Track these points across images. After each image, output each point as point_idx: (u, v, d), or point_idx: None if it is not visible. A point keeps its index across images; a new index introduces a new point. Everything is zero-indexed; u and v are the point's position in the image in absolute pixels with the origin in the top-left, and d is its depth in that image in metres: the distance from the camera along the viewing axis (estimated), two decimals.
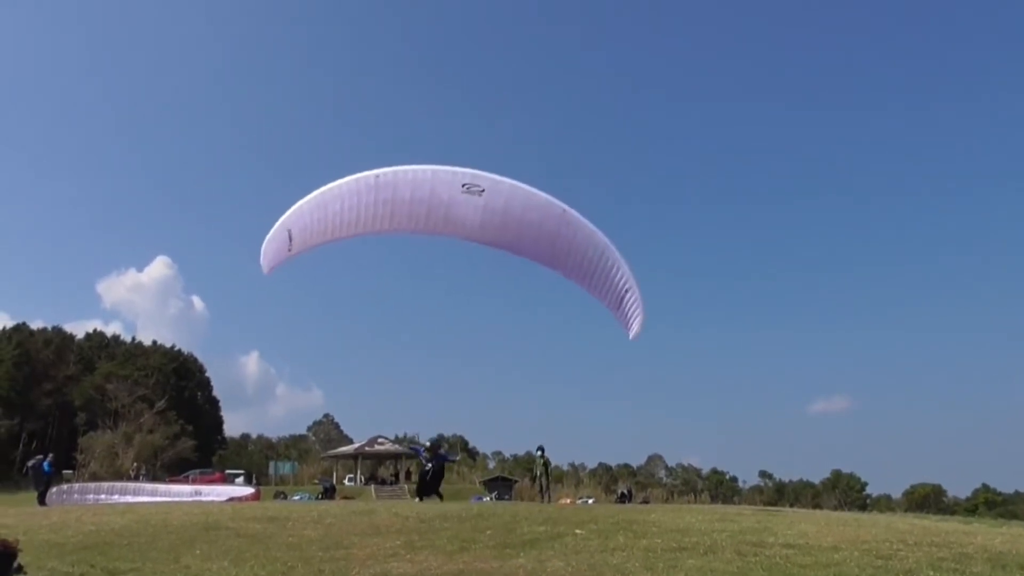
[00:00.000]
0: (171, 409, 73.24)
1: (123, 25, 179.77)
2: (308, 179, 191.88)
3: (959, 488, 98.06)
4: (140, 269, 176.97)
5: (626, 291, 16.29)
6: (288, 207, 16.08)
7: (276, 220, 16.12)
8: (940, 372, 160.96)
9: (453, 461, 24.58)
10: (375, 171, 15.73)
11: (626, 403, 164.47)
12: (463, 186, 15.47)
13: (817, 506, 71.28)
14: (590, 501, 47.32)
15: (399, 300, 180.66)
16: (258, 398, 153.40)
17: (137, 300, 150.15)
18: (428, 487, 23.34)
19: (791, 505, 69.85)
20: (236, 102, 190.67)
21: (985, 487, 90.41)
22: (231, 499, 35.64)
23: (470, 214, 15.72)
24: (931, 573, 7.64)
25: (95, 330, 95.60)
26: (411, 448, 23.93)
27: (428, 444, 23.52)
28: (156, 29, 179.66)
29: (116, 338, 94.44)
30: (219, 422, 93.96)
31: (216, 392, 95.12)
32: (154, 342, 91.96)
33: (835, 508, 66.56)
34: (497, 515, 14.13)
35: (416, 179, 15.64)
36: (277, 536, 11.60)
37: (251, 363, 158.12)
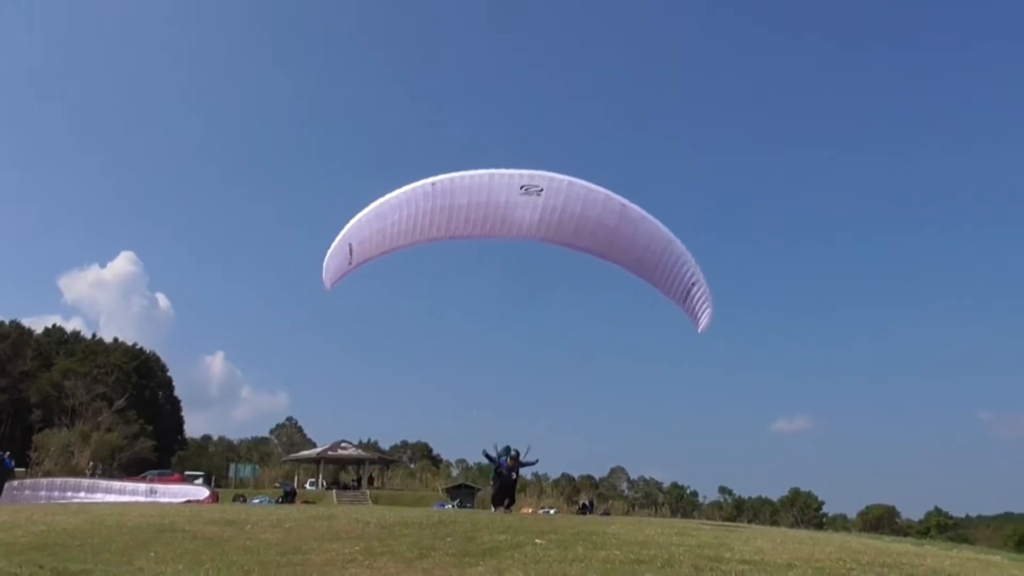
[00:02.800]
0: (130, 408, 71.86)
1: (85, 18, 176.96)
2: (279, 176, 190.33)
3: (912, 510, 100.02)
4: (103, 265, 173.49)
5: (692, 284, 16.11)
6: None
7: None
8: (898, 397, 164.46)
9: (534, 463, 23.03)
10: (431, 179, 15.65)
11: (591, 416, 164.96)
12: (521, 188, 15.35)
13: (775, 523, 72.01)
14: (552, 511, 47.33)
15: (368, 307, 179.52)
16: (222, 399, 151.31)
17: (99, 296, 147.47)
18: (507, 496, 22.71)
19: (749, 521, 70.58)
20: (203, 95, 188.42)
21: (937, 510, 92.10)
22: (188, 501, 35.10)
23: (528, 215, 15.58)
24: None
25: (54, 325, 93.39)
26: (487, 457, 22.62)
27: (514, 452, 22.20)
28: (119, 20, 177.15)
29: (76, 334, 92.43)
30: (180, 423, 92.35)
31: (178, 392, 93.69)
32: (115, 339, 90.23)
33: (792, 525, 67.47)
34: (458, 523, 14.11)
35: (473, 184, 15.55)
36: (234, 539, 11.46)
37: (216, 364, 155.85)
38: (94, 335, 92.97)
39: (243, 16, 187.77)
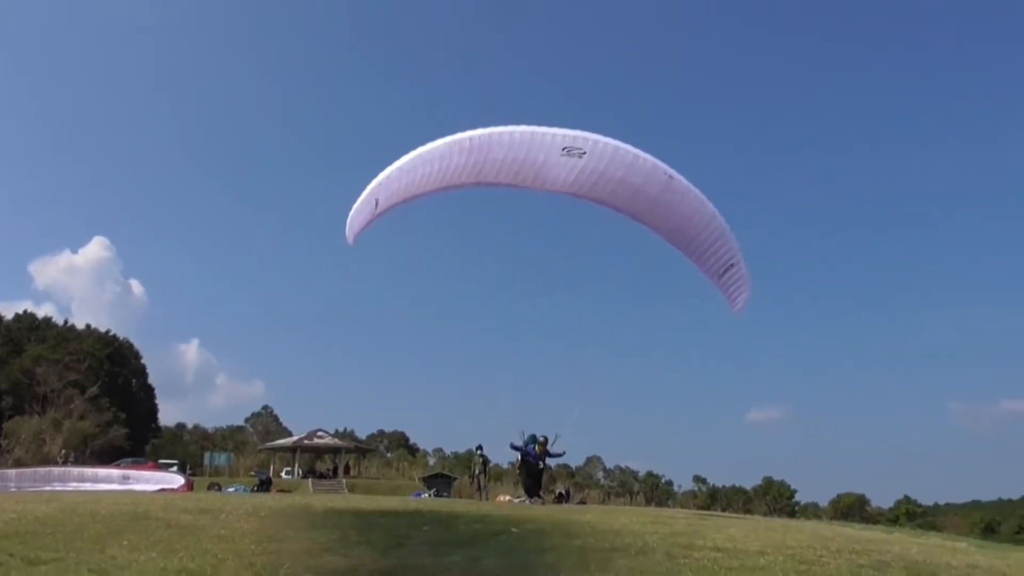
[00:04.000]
0: (103, 396, 70.99)
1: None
2: (256, 162, 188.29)
3: (882, 499, 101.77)
4: (75, 250, 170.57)
5: (731, 264, 15.82)
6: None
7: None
8: (869, 388, 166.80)
9: (561, 455, 22.36)
10: (468, 133, 14.89)
11: (567, 405, 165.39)
12: (563, 149, 14.73)
13: (748, 511, 72.89)
14: (528, 501, 47.52)
15: (344, 296, 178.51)
16: (197, 387, 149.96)
17: (71, 282, 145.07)
18: (540, 485, 21.87)
19: (723, 509, 71.39)
20: (178, 80, 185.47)
21: (907, 498, 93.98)
22: (162, 489, 34.81)
23: (563, 174, 14.99)
24: None
25: (25, 311, 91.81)
26: (513, 448, 21.35)
27: (541, 439, 21.17)
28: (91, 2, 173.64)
29: (48, 320, 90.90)
30: (154, 410, 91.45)
31: (152, 380, 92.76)
32: (88, 326, 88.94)
33: (765, 514, 68.31)
34: (434, 512, 14.16)
35: (512, 141, 14.81)
36: (209, 528, 11.39)
37: (191, 351, 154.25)
38: (66, 321, 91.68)
39: (220, 3, 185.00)
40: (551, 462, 21.77)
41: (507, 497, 48.07)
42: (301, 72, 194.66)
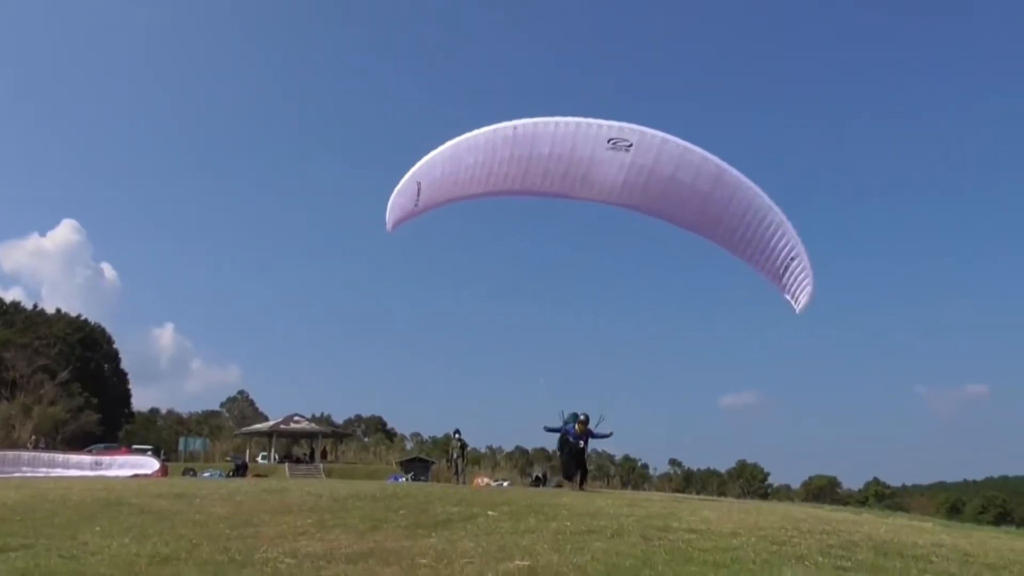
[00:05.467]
0: (75, 381, 70.06)
1: None
2: (231, 143, 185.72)
3: (853, 481, 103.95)
4: (43, 233, 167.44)
5: (791, 259, 14.80)
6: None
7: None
8: (840, 373, 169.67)
9: (607, 436, 20.24)
10: (514, 122, 14.33)
11: (546, 388, 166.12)
12: (609, 141, 14.08)
13: (722, 494, 73.98)
14: (505, 484, 47.77)
15: (321, 279, 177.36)
16: (172, 372, 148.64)
17: (40, 266, 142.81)
18: (582, 469, 20.62)
19: (698, 492, 72.45)
20: (151, 57, 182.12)
21: (876, 480, 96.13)
22: (136, 475, 34.49)
23: (612, 174, 14.31)
24: (820, 558, 8.08)
25: None
26: (547, 430, 19.89)
27: (582, 417, 19.54)
28: None
29: (16, 305, 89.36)
30: (127, 396, 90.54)
31: (125, 365, 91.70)
32: (58, 310, 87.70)
33: (739, 496, 69.34)
34: (411, 495, 14.18)
35: (557, 133, 14.22)
36: (183, 513, 11.32)
37: (165, 336, 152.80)
38: (35, 306, 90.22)
39: None
40: (594, 444, 20.20)
41: (485, 480, 48.31)
42: (271, 49, 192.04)
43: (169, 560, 7.46)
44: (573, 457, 20.16)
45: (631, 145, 14.09)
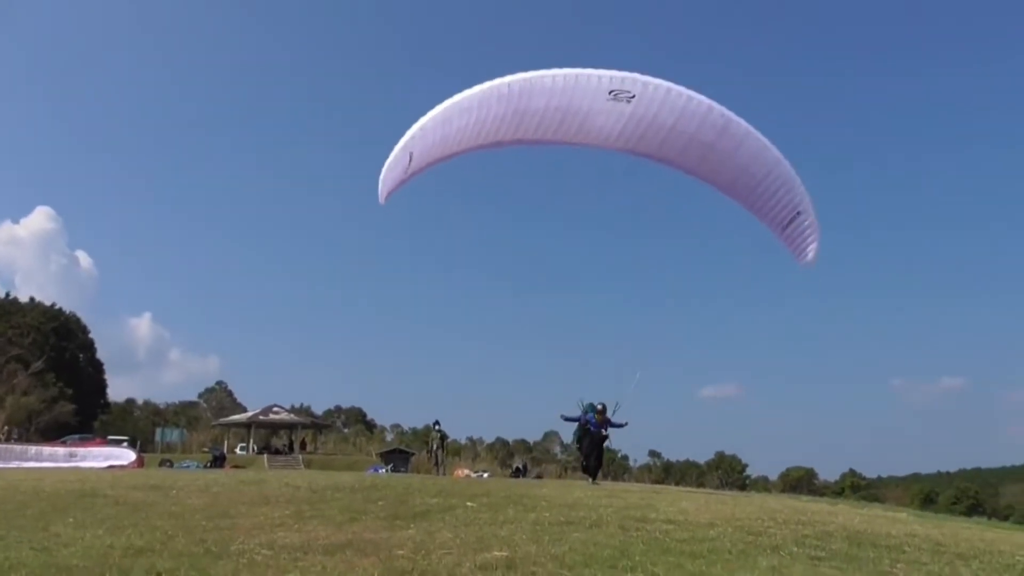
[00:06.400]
0: (49, 371, 69.07)
1: None
2: (209, 127, 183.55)
3: (829, 472, 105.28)
4: (16, 220, 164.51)
5: (797, 213, 14.47)
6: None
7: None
8: (818, 366, 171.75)
9: (622, 426, 19.44)
10: (507, 78, 13.69)
11: (527, 380, 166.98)
12: (610, 93, 13.51)
13: (701, 485, 74.60)
14: (485, 475, 47.87)
15: (301, 269, 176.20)
16: (149, 363, 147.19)
17: (14, 254, 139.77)
18: (599, 460, 20.05)
19: (677, 483, 72.88)
20: (128, 39, 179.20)
21: (852, 472, 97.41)
22: (111, 466, 34.12)
23: (610, 124, 13.83)
24: (795, 548, 8.17)
25: None
26: (564, 419, 19.54)
27: (600, 406, 19.03)
28: None
29: None
30: (102, 386, 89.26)
31: (101, 355, 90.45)
32: (32, 299, 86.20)
33: (717, 487, 69.95)
34: (390, 486, 14.16)
35: (555, 87, 13.64)
36: (159, 505, 11.23)
37: (143, 326, 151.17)
38: (8, 294, 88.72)
39: None
40: (612, 432, 19.57)
41: (465, 471, 48.39)
42: (252, 31, 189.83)
43: (144, 552, 7.39)
44: (594, 447, 19.84)
45: (633, 97, 13.62)
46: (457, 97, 14.07)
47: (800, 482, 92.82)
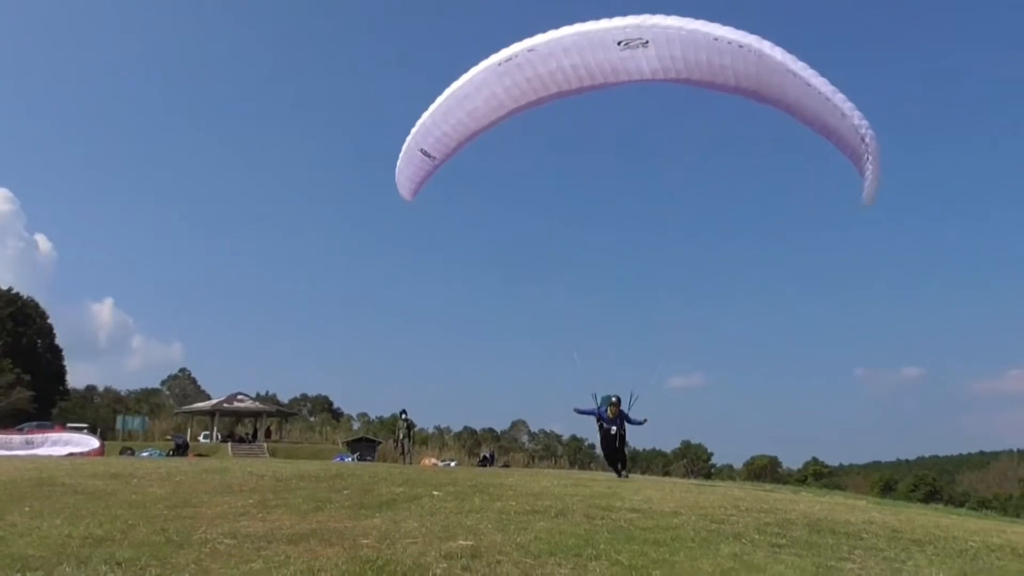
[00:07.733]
0: (5, 357, 67.60)
1: None
2: (174, 107, 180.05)
3: (793, 460, 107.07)
4: None
5: (863, 139, 12.57)
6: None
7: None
8: (782, 356, 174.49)
9: (640, 423, 18.91)
10: (503, 53, 13.01)
11: (494, 369, 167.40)
12: (618, 44, 12.52)
13: (667, 473, 75.49)
14: (452, 464, 47.95)
15: (267, 255, 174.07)
16: (111, 349, 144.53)
17: None
18: (620, 455, 19.54)
19: (643, 472, 73.69)
20: (95, 20, 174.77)
21: (815, 460, 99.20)
22: (71, 453, 33.50)
23: (634, 68, 12.75)
24: (756, 536, 8.31)
25: None
26: (577, 412, 18.90)
27: (614, 399, 18.45)
28: None
29: None
30: (61, 372, 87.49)
31: (60, 341, 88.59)
32: None
33: (683, 476, 70.88)
34: (356, 475, 14.10)
35: (557, 49, 12.85)
36: (120, 493, 11.03)
37: (104, 311, 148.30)
38: None
39: None
40: (630, 428, 18.98)
41: (432, 460, 48.43)
42: (210, 14, 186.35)
43: (103, 541, 7.26)
44: (606, 441, 19.37)
45: (647, 42, 12.53)
46: (453, 86, 13.77)
47: (764, 470, 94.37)
